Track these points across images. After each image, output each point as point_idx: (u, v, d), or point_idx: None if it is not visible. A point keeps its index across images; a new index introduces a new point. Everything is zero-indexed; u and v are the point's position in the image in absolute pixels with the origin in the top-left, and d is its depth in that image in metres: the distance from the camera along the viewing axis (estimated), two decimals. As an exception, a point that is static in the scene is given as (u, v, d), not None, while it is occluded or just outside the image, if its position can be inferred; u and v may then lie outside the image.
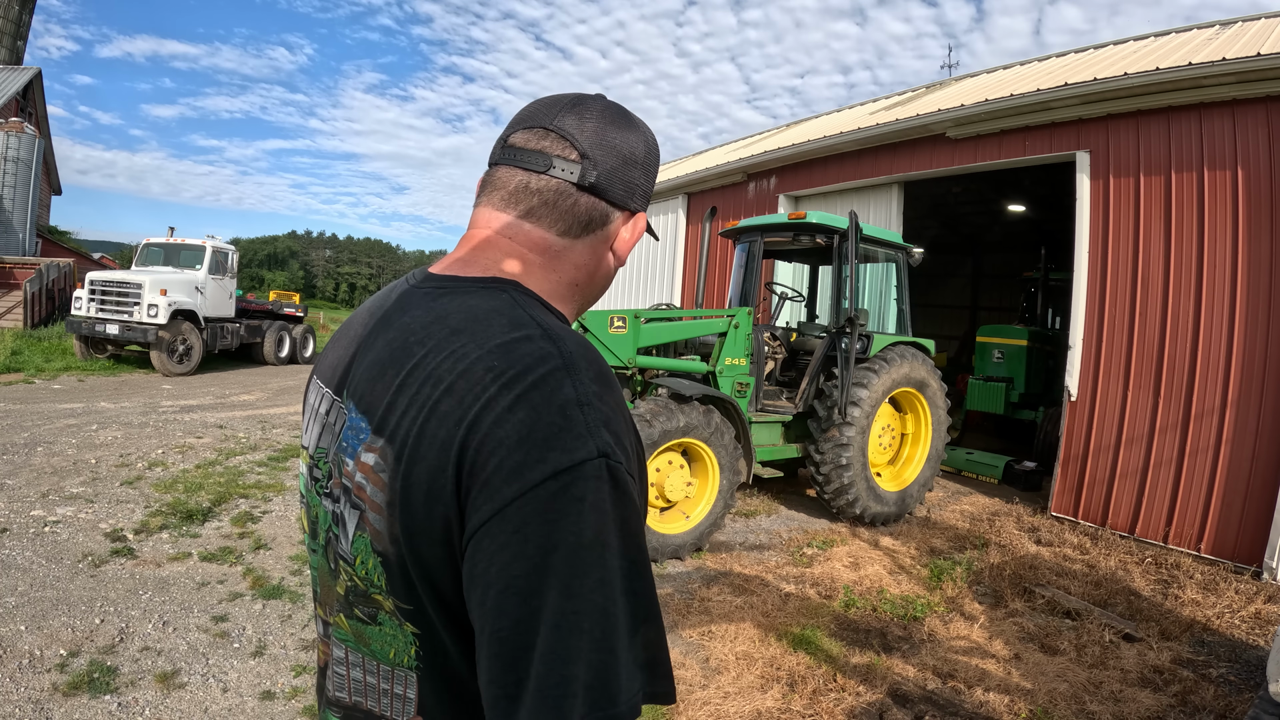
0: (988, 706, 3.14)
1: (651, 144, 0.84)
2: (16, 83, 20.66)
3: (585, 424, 0.59)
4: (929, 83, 13.49)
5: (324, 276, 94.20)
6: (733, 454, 4.99)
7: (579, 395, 0.60)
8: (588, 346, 0.67)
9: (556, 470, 0.56)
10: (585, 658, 0.54)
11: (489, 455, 0.57)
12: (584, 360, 0.64)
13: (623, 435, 0.62)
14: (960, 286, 17.16)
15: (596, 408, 0.60)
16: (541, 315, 0.69)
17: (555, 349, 0.63)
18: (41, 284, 14.12)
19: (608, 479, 0.57)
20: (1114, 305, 6.34)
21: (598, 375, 0.64)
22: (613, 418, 0.62)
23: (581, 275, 0.81)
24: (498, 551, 0.56)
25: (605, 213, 0.80)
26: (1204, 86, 5.68)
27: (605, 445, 0.58)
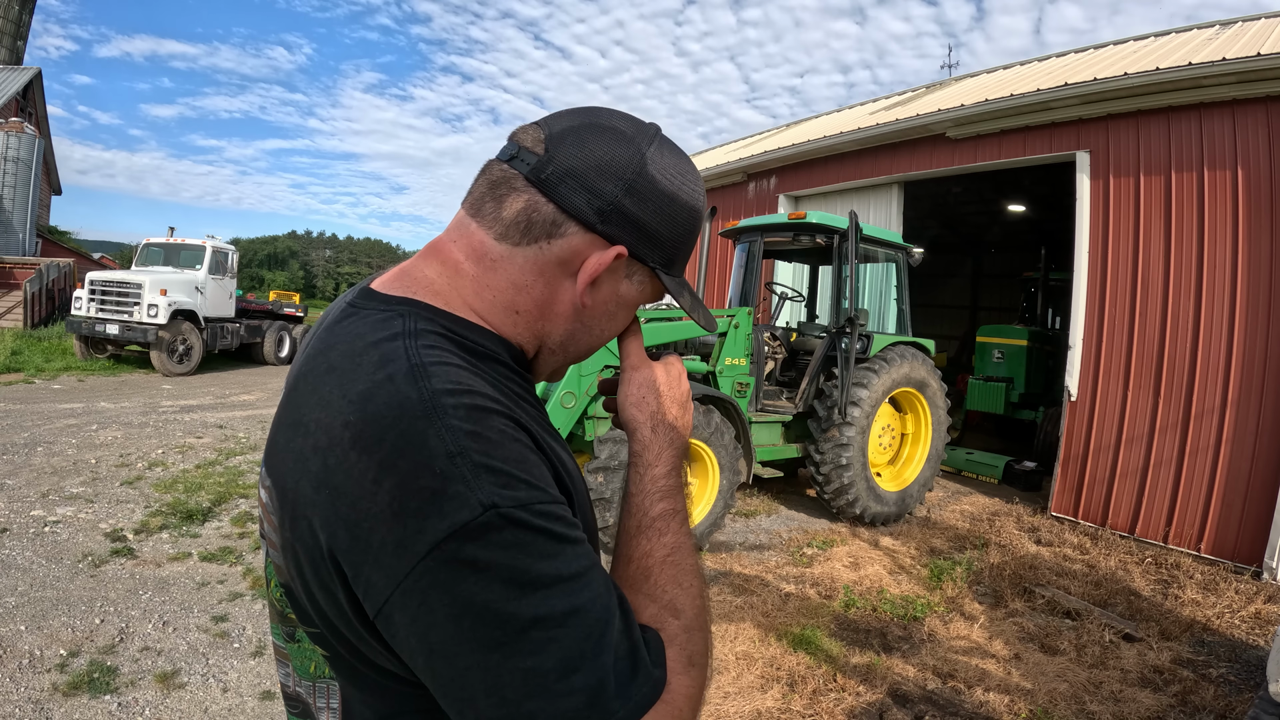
0: (988, 706, 3.14)
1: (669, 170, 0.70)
2: (16, 83, 20.67)
3: (461, 477, 0.52)
4: (929, 82, 13.50)
5: (324, 276, 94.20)
6: (733, 454, 4.99)
7: (447, 445, 0.53)
8: (455, 374, 0.59)
9: (439, 540, 0.51)
10: (522, 705, 0.52)
11: (369, 533, 0.53)
12: (448, 396, 0.56)
13: (513, 468, 0.55)
14: (960, 286, 17.16)
15: (470, 452, 0.53)
16: (421, 347, 0.60)
17: (414, 392, 0.56)
18: (41, 284, 14.12)
19: (500, 528, 0.52)
20: (1114, 305, 6.34)
21: (468, 410, 0.56)
22: (493, 455, 0.54)
23: (524, 302, 0.68)
24: (410, 624, 0.53)
25: (550, 218, 0.66)
26: (1204, 86, 5.68)
27: (490, 495, 0.52)
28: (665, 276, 0.72)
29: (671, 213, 0.70)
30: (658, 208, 0.69)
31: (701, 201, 0.74)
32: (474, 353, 0.65)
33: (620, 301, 0.73)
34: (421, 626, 0.53)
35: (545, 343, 0.72)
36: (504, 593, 0.52)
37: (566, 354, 0.75)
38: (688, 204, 0.71)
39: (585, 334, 0.73)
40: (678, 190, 0.70)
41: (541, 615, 0.52)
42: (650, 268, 0.71)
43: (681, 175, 0.71)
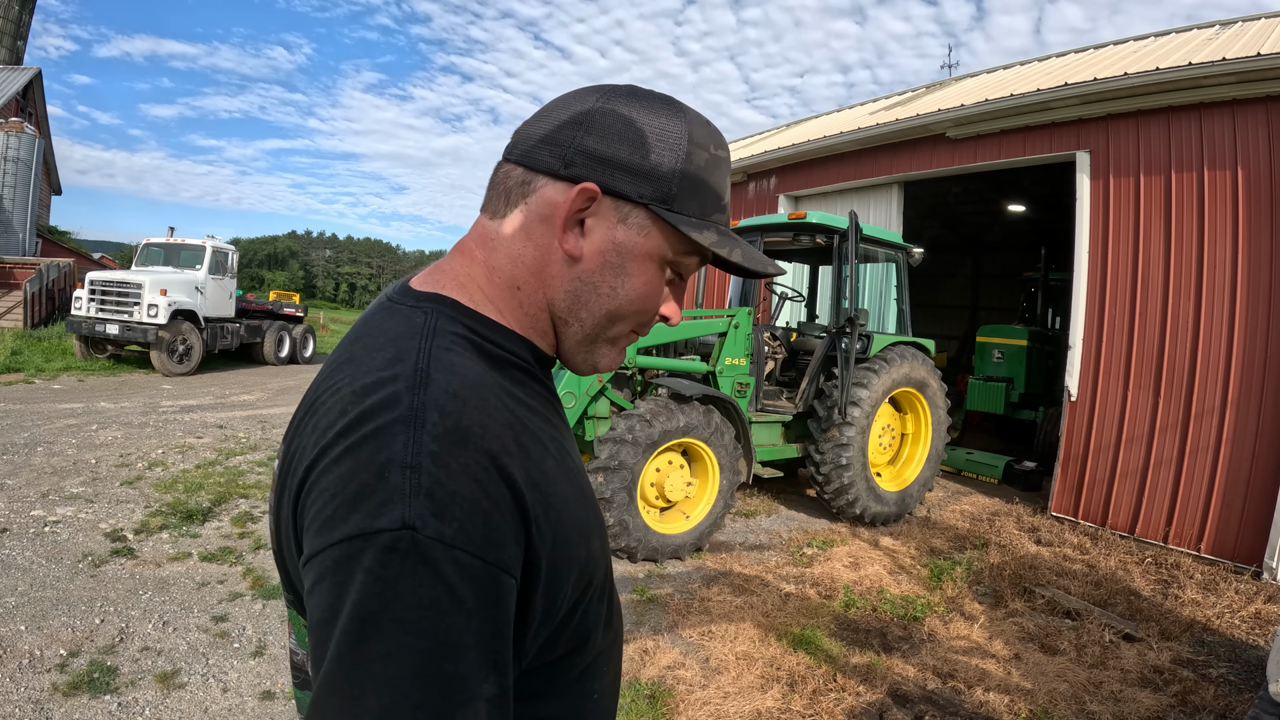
0: (988, 706, 3.14)
1: (624, 106, 0.66)
2: (16, 83, 20.66)
3: (400, 489, 0.52)
4: (929, 82, 13.50)
5: (324, 276, 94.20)
6: (733, 454, 4.99)
7: (407, 455, 0.53)
8: (463, 396, 0.58)
9: (351, 535, 0.52)
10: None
11: (313, 502, 0.56)
12: (438, 414, 0.56)
13: (456, 507, 0.52)
14: (960, 286, 17.16)
15: (427, 470, 0.53)
16: (436, 348, 0.61)
17: (410, 397, 0.56)
18: (41, 284, 14.12)
19: (405, 553, 0.51)
20: (1114, 305, 6.34)
21: (447, 432, 0.55)
22: (444, 485, 0.53)
23: (521, 272, 0.68)
24: (308, 590, 0.55)
25: (520, 179, 0.67)
26: (1204, 86, 5.68)
27: (416, 516, 0.51)
28: (669, 214, 0.66)
29: (643, 138, 0.65)
30: (623, 135, 0.65)
31: (685, 129, 0.67)
32: (492, 357, 0.65)
33: (622, 250, 0.67)
34: (312, 598, 0.54)
35: (555, 315, 0.70)
36: (377, 609, 0.50)
37: (581, 322, 0.70)
38: (662, 131, 0.66)
39: (591, 292, 0.68)
40: (649, 115, 0.66)
41: (421, 650, 0.50)
42: (643, 205, 0.66)
43: (648, 109, 0.67)
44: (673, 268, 0.71)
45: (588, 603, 0.68)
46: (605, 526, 0.77)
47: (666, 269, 0.70)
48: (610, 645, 0.76)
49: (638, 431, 4.46)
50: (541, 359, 0.72)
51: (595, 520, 0.71)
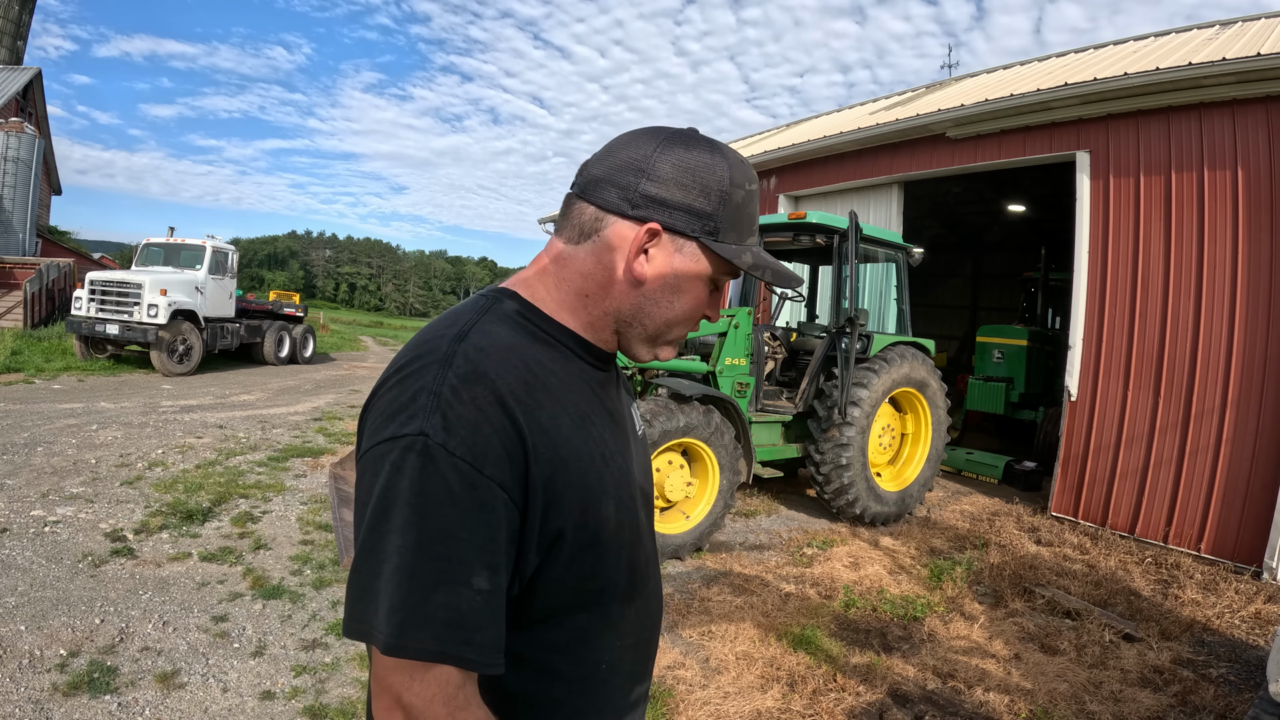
0: (988, 706, 3.14)
1: (674, 154, 0.82)
2: (16, 83, 20.66)
3: (424, 408, 0.71)
4: (929, 82, 13.50)
5: (324, 276, 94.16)
6: (733, 454, 4.99)
7: (433, 385, 0.72)
8: (486, 352, 0.76)
9: (386, 438, 0.71)
10: (378, 582, 0.68)
11: (370, 419, 0.77)
12: (464, 360, 0.74)
13: (460, 426, 0.70)
14: (960, 286, 17.16)
15: (445, 398, 0.71)
16: (484, 320, 0.81)
17: (448, 347, 0.76)
18: (41, 284, 14.11)
19: (419, 453, 0.69)
20: (1114, 305, 6.34)
21: (467, 373, 0.73)
22: (454, 409, 0.70)
23: (590, 286, 0.86)
24: (356, 483, 0.76)
25: (595, 217, 0.84)
26: (1204, 86, 5.68)
27: (430, 428, 0.70)
28: (716, 244, 0.83)
29: (693, 186, 0.82)
30: (678, 184, 0.82)
31: (727, 173, 0.83)
32: (537, 336, 0.84)
33: (678, 274, 0.85)
34: (360, 491, 0.74)
35: (619, 318, 0.87)
36: (394, 493, 0.69)
37: (644, 326, 0.87)
38: (708, 177, 0.82)
39: (653, 305, 0.86)
40: (694, 167, 0.82)
41: (423, 527, 0.68)
42: (694, 238, 0.83)
43: (696, 156, 0.83)
44: (714, 283, 0.89)
45: (599, 558, 0.81)
46: (640, 504, 0.92)
47: (711, 284, 0.88)
48: (629, 627, 0.89)
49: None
50: (595, 352, 0.89)
51: (618, 489, 0.85)
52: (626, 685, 0.91)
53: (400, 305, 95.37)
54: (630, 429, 0.98)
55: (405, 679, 0.68)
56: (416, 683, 0.68)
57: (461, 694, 0.69)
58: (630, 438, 0.96)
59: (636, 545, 0.89)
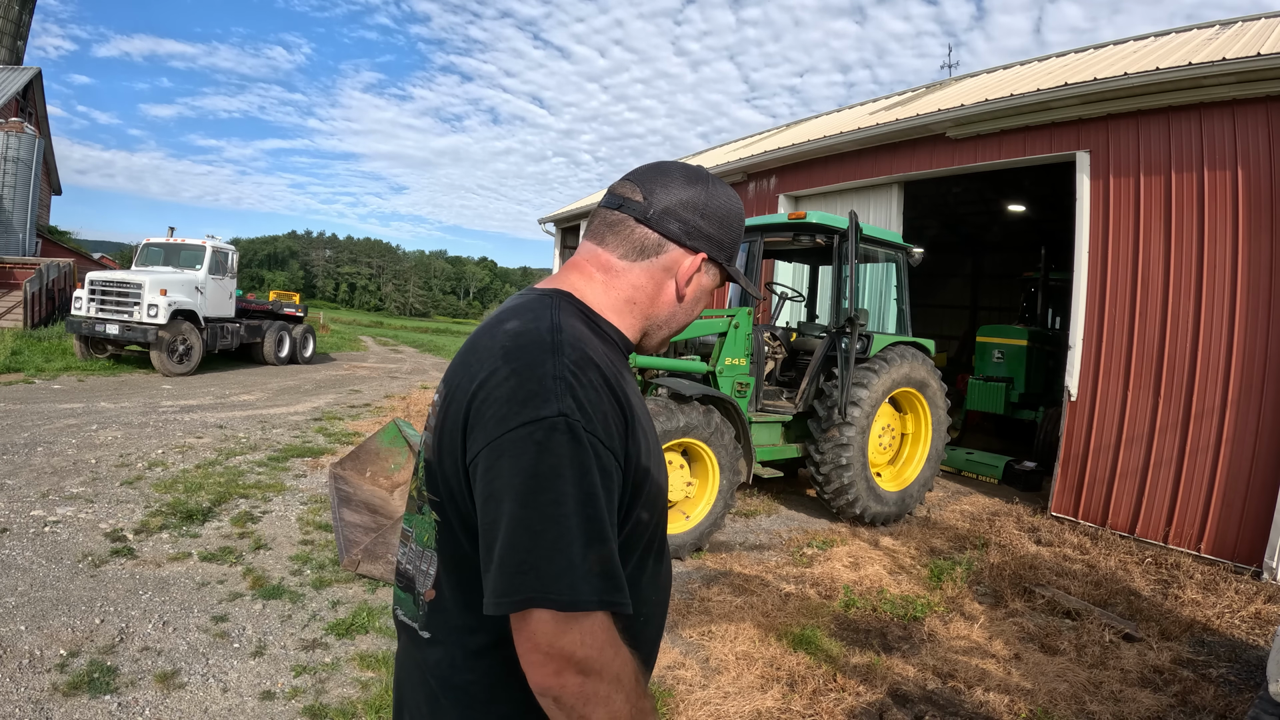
0: (988, 706, 3.14)
1: (720, 198, 1.03)
2: (16, 83, 20.67)
3: (554, 392, 0.80)
4: (929, 82, 13.50)
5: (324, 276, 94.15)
6: (733, 454, 4.99)
7: (555, 371, 0.82)
8: (581, 341, 0.88)
9: (526, 420, 0.79)
10: (538, 551, 0.75)
11: (486, 408, 0.83)
12: (570, 347, 0.85)
13: (587, 405, 0.81)
14: (960, 286, 17.15)
15: (567, 381, 0.81)
16: (562, 315, 0.91)
17: (550, 338, 0.86)
18: (41, 284, 14.12)
19: (564, 431, 0.78)
20: (1114, 305, 6.34)
21: (578, 359, 0.84)
22: (580, 391, 0.81)
23: (640, 296, 1.02)
24: (485, 471, 0.81)
25: (658, 242, 1.00)
26: (1204, 86, 5.68)
27: (566, 409, 0.79)
28: (729, 267, 1.06)
29: (728, 225, 1.05)
30: (720, 224, 1.03)
31: (742, 214, 1.08)
32: (595, 332, 0.96)
33: (702, 289, 1.06)
34: (491, 474, 0.80)
35: (653, 323, 1.05)
36: (546, 468, 0.77)
37: (671, 329, 1.07)
38: (737, 218, 1.06)
39: (683, 314, 1.06)
40: (729, 211, 1.05)
41: (580, 495, 0.77)
42: (719, 264, 1.05)
43: (730, 201, 1.05)
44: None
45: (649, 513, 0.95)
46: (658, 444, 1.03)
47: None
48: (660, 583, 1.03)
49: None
50: (627, 347, 1.04)
51: (659, 458, 0.99)
52: (655, 642, 1.04)
53: (400, 305, 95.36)
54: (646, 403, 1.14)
55: (577, 636, 0.75)
56: (588, 635, 0.76)
57: (616, 635, 0.79)
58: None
59: (666, 510, 1.03)
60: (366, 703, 2.81)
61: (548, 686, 0.76)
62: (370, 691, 2.91)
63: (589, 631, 0.76)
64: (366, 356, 20.48)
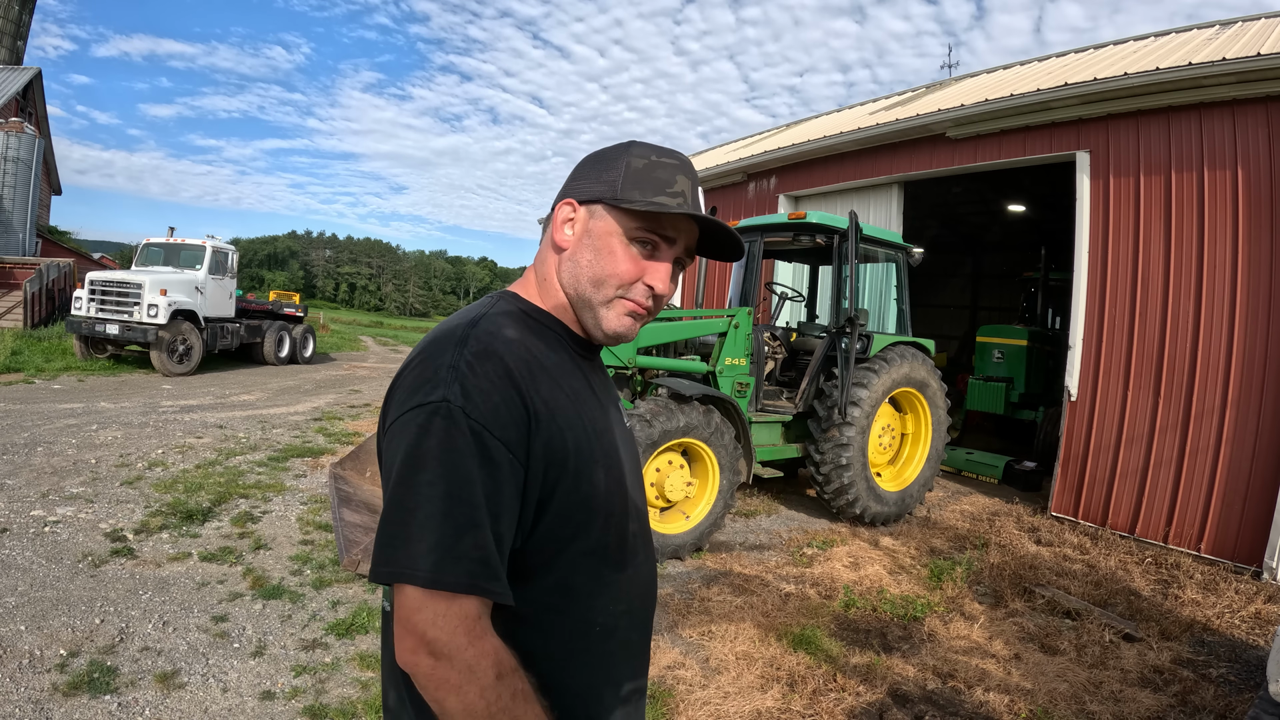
0: (988, 706, 3.14)
1: (601, 150, 1.01)
2: (16, 83, 20.66)
3: (444, 380, 0.82)
4: (929, 82, 13.49)
5: (324, 276, 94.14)
6: (733, 454, 4.99)
7: (452, 360, 0.84)
8: (494, 336, 0.89)
9: (414, 405, 0.83)
10: (409, 527, 0.78)
11: (394, 392, 0.89)
12: (476, 340, 0.87)
13: (475, 393, 0.82)
14: (960, 286, 17.15)
15: (460, 370, 0.83)
16: (492, 311, 0.94)
17: (462, 332, 0.88)
18: (41, 284, 14.11)
19: (444, 415, 0.80)
20: (1114, 305, 6.34)
21: (479, 351, 0.86)
22: (471, 380, 0.82)
23: (545, 269, 1.02)
24: (385, 451, 0.88)
25: (548, 212, 1.03)
26: (1204, 86, 5.68)
27: (451, 395, 0.81)
28: (618, 199, 0.94)
29: (599, 167, 0.98)
30: (590, 170, 0.99)
31: (626, 151, 0.98)
32: (530, 327, 0.96)
33: (591, 233, 0.97)
34: (388, 454, 0.86)
35: (568, 292, 0.99)
36: (424, 449, 0.80)
37: (577, 290, 0.98)
38: (610, 157, 0.98)
39: (575, 265, 0.98)
40: (601, 157, 1.00)
41: (450, 478, 0.79)
42: (598, 201, 0.96)
43: (605, 151, 1.01)
44: (638, 242, 0.96)
45: (588, 518, 0.91)
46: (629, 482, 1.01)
47: (633, 244, 0.96)
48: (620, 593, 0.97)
49: (637, 431, 4.45)
50: (578, 340, 1.01)
51: (606, 459, 0.95)
52: (624, 657, 0.99)
53: (400, 305, 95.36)
54: (616, 417, 1.08)
55: (430, 615, 0.76)
56: (441, 617, 0.76)
57: (479, 624, 0.78)
58: (617, 423, 1.06)
59: (625, 516, 0.98)
60: (366, 703, 2.81)
61: (404, 662, 0.77)
62: (370, 691, 2.91)
63: (445, 614, 0.76)
64: (366, 356, 20.49)
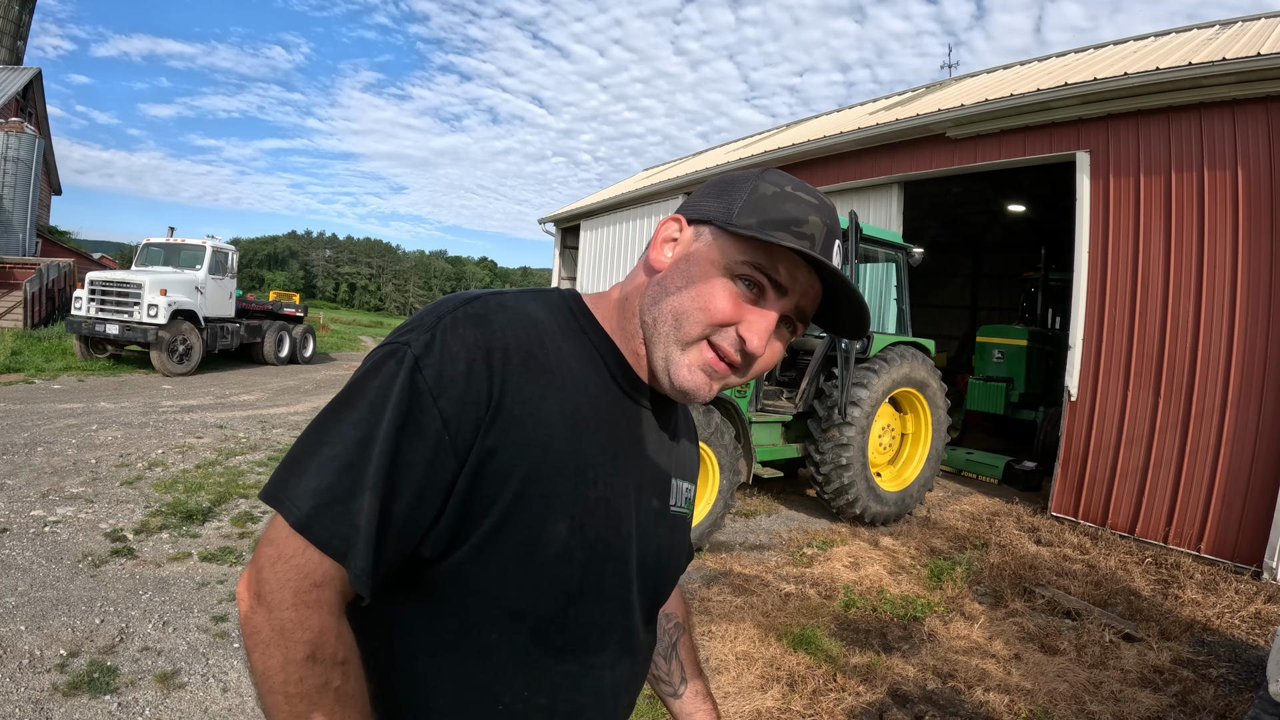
0: (988, 706, 3.14)
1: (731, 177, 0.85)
2: (16, 83, 20.67)
3: (423, 327, 0.72)
4: (929, 82, 13.50)
5: (324, 276, 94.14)
6: (733, 454, 4.99)
7: (440, 311, 0.74)
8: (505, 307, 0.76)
9: (385, 342, 0.74)
10: (312, 460, 0.69)
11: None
12: (480, 305, 0.75)
13: (440, 351, 0.70)
14: (960, 286, 17.16)
15: (443, 327, 0.72)
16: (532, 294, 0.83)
17: (482, 294, 0.78)
18: (41, 284, 14.11)
19: (395, 356, 0.70)
20: (1114, 305, 6.34)
21: (473, 315, 0.73)
22: (445, 339, 0.71)
23: (631, 289, 0.88)
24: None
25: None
26: (1204, 86, 5.68)
27: (417, 344, 0.71)
28: (728, 225, 0.78)
29: (722, 187, 0.83)
30: (714, 189, 0.83)
31: (758, 176, 0.82)
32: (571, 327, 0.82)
33: (690, 257, 0.80)
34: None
35: (643, 319, 0.83)
36: (362, 386, 0.71)
37: (655, 320, 0.81)
38: (738, 179, 0.82)
39: (661, 291, 0.81)
40: (730, 178, 0.84)
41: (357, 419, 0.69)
42: (709, 223, 0.81)
43: (736, 173, 0.85)
44: (743, 280, 0.78)
45: (522, 570, 0.73)
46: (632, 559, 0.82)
47: (736, 282, 0.78)
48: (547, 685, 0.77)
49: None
50: (627, 373, 0.84)
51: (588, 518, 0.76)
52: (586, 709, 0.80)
53: (400, 305, 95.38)
54: (656, 488, 0.88)
55: (276, 553, 0.66)
56: (284, 561, 0.65)
57: (316, 593, 0.65)
58: (652, 495, 0.87)
59: (594, 600, 0.78)
60: (366, 703, 2.81)
61: (237, 592, 0.68)
62: (370, 691, 2.90)
63: (289, 561, 0.65)
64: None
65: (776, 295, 0.78)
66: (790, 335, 0.84)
